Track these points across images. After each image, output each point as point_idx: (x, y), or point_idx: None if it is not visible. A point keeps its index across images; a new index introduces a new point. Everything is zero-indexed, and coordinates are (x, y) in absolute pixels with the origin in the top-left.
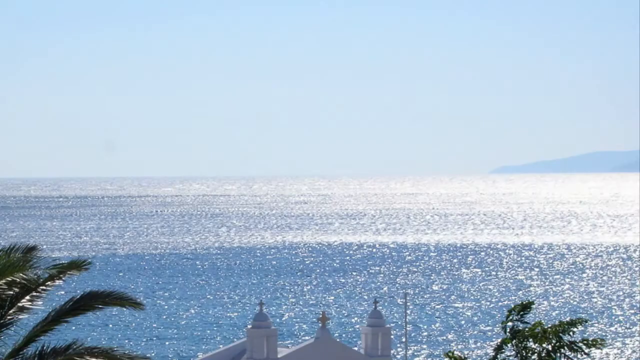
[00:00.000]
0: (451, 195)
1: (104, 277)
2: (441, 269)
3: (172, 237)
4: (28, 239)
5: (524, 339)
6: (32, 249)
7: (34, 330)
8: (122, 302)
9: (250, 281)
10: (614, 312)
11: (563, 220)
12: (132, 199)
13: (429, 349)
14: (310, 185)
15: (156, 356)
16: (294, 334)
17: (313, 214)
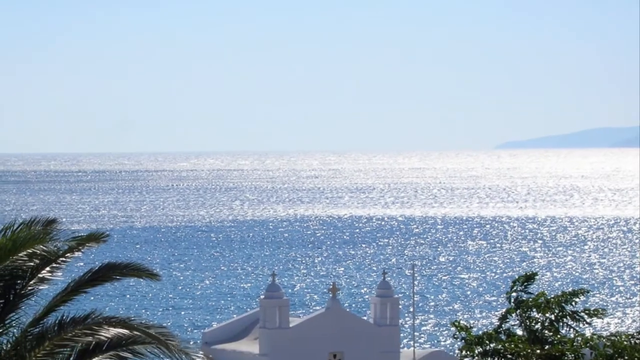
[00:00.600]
0: (457, 170)
1: (121, 249)
2: (447, 241)
3: (188, 210)
4: (48, 212)
5: (528, 308)
6: (52, 222)
7: (53, 300)
8: (139, 273)
9: (263, 253)
10: (615, 283)
11: (565, 194)
12: (148, 173)
13: (436, 319)
14: (321, 160)
15: (172, 325)
16: (305, 304)
17: (324, 188)
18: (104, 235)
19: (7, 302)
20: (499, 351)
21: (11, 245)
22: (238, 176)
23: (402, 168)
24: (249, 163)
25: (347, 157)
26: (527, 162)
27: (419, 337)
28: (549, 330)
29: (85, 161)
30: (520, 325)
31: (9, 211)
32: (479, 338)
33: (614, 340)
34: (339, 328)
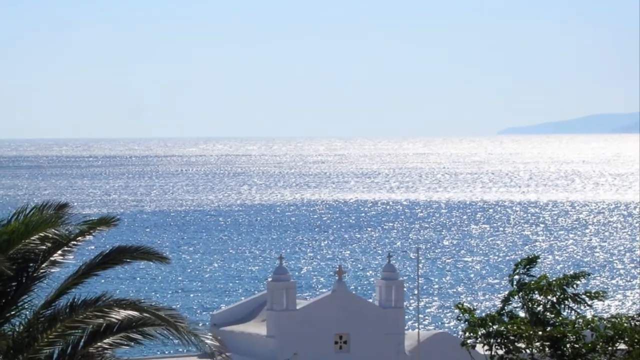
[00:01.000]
0: (461, 155)
1: (131, 233)
2: (451, 225)
3: (197, 194)
4: (60, 196)
5: (530, 291)
6: (64, 206)
7: (65, 282)
8: (149, 257)
9: (271, 236)
10: (615, 266)
11: (567, 179)
12: (158, 158)
13: (440, 301)
14: (327, 146)
15: (181, 307)
16: (312, 286)
17: (330, 173)
18: (114, 219)
19: (19, 285)
20: (501, 333)
21: (24, 229)
22: (246, 161)
23: (406, 153)
24: (257, 148)
25: (353, 142)
26: (529, 148)
27: (423, 319)
28: (551, 312)
29: (96, 147)
30: (523, 307)
31: (22, 195)
32: (482, 320)
33: (615, 322)
34: (344, 310)
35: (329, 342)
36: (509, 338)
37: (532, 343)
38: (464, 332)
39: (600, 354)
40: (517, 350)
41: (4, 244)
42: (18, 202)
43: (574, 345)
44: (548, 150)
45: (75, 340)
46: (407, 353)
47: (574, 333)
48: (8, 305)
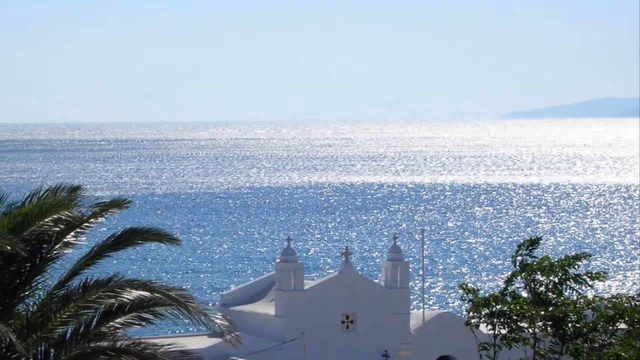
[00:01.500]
0: (465, 139)
1: (143, 215)
2: (456, 207)
3: (206, 177)
4: (73, 179)
5: (533, 272)
6: (77, 189)
7: (78, 263)
8: (160, 238)
9: (279, 218)
10: (616, 247)
11: (568, 162)
12: (169, 142)
13: (445, 281)
14: (334, 130)
15: (191, 288)
16: (319, 267)
17: (337, 156)
18: (126, 201)
19: (33, 266)
20: (504, 312)
21: (37, 211)
22: (255, 145)
23: (412, 137)
24: (266, 132)
25: (360, 126)
26: (532, 132)
27: (428, 299)
28: (553, 293)
29: (108, 130)
30: (525, 287)
31: (36, 178)
32: (486, 300)
33: (615, 302)
34: (351, 290)
35: (336, 321)
36: (511, 318)
37: (534, 322)
38: (468, 311)
39: (601, 333)
40: (520, 329)
41: (18, 226)
42: (32, 185)
43: (575, 324)
44: (550, 134)
45: (87, 319)
46: (412, 332)
47: (576, 313)
48: (22, 285)
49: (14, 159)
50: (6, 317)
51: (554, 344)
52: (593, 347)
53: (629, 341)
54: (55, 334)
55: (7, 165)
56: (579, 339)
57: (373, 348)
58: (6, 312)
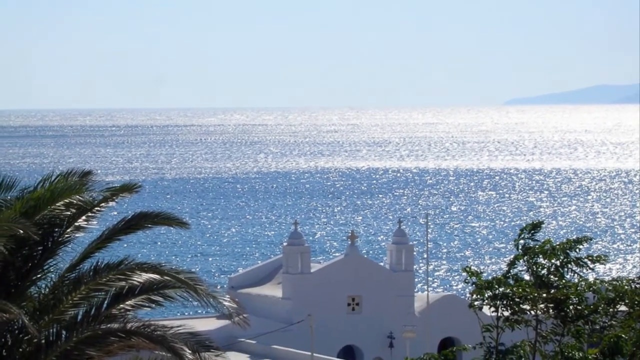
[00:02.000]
0: (468, 125)
1: (153, 199)
2: (459, 191)
3: (215, 162)
4: (84, 164)
5: (535, 255)
6: (88, 174)
7: (89, 247)
8: (170, 222)
9: (286, 202)
10: (616, 231)
11: (570, 148)
12: (178, 128)
13: (448, 264)
14: (340, 116)
15: (200, 271)
16: (325, 250)
17: (343, 142)
18: (136, 186)
19: (45, 249)
20: (507, 295)
21: (49, 195)
22: (262, 131)
23: (416, 123)
24: (273, 118)
25: (365, 112)
26: (534, 118)
27: (432, 282)
28: (555, 276)
29: (119, 116)
30: (528, 270)
31: (48, 163)
32: (489, 283)
33: (616, 285)
34: (357, 273)
35: (342, 303)
36: (514, 300)
37: (536, 305)
38: (471, 294)
39: (602, 315)
40: (522, 311)
41: (30, 210)
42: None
43: (576, 306)
44: (552, 120)
45: (98, 302)
46: (416, 314)
47: (577, 295)
48: (34, 268)
49: (26, 144)
50: (19, 299)
51: (556, 325)
52: (594, 329)
53: (629, 323)
54: (66, 316)
55: (20, 150)
56: (580, 320)
57: (378, 330)
58: (19, 295)
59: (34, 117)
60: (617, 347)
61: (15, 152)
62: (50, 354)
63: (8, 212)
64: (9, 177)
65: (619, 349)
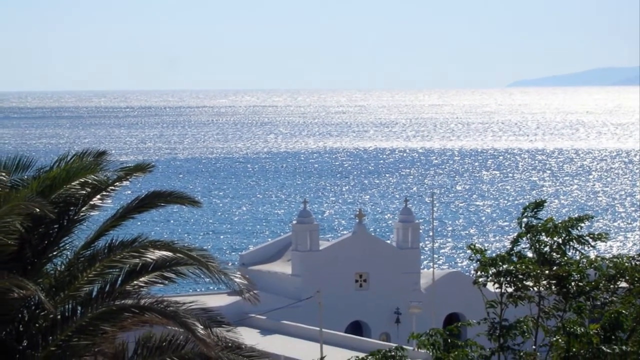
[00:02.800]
0: (473, 106)
1: (165, 179)
2: (464, 171)
3: (226, 143)
4: (99, 144)
5: (537, 233)
6: (102, 154)
7: (103, 225)
8: (182, 201)
9: (295, 182)
10: (617, 210)
11: (572, 128)
12: (190, 109)
13: (453, 242)
14: (348, 97)
15: (212, 248)
16: (333, 228)
17: (350, 123)
18: (149, 165)
19: (61, 227)
20: (511, 272)
21: (65, 175)
22: (272, 112)
23: (422, 104)
24: (283, 100)
25: (372, 94)
26: (537, 99)
27: (437, 259)
28: (557, 253)
29: (133, 98)
30: (531, 248)
31: (63, 144)
32: (493, 260)
33: (616, 262)
34: (364, 251)
35: (350, 280)
36: (517, 277)
37: (539, 281)
38: (475, 271)
39: (603, 292)
40: (526, 288)
41: (46, 189)
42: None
43: (578, 283)
44: (554, 102)
45: (113, 278)
46: (422, 290)
47: (578, 272)
48: (50, 246)
49: (42, 125)
50: (35, 276)
51: (558, 301)
52: (595, 305)
53: (629, 299)
54: (82, 292)
55: (36, 131)
56: (581, 297)
57: (385, 305)
58: (35, 272)
59: (50, 98)
60: (617, 322)
61: (32, 132)
62: (65, 329)
63: (25, 191)
64: (25, 157)
65: (619, 325)
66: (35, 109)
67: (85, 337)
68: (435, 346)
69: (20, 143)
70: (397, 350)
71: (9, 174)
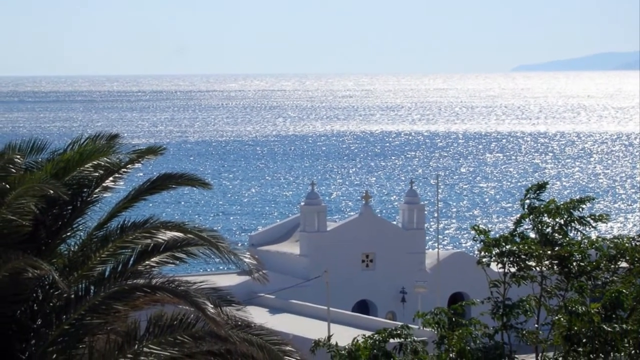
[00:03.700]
0: (477, 90)
1: (176, 161)
2: (468, 153)
3: (236, 126)
4: (111, 128)
5: (540, 214)
6: (115, 137)
7: (116, 206)
8: (193, 183)
9: (303, 164)
10: (617, 191)
11: (573, 112)
12: (201, 93)
13: (458, 223)
14: (355, 82)
15: (222, 229)
16: (340, 210)
17: (357, 107)
18: (161, 148)
19: (74, 209)
20: (513, 252)
21: (78, 157)
22: (281, 96)
23: (427, 88)
24: (291, 84)
25: (378, 78)
26: (539, 84)
27: (442, 240)
28: (559, 234)
29: (144, 82)
30: (533, 229)
31: (77, 127)
32: (496, 240)
33: (617, 242)
34: (371, 231)
35: (357, 260)
36: (520, 257)
37: (541, 261)
38: (479, 251)
39: (604, 271)
40: (528, 268)
41: (60, 172)
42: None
43: (579, 263)
44: (556, 86)
45: (125, 258)
46: (427, 270)
47: (580, 252)
48: (64, 227)
49: (56, 109)
50: (49, 256)
51: (560, 281)
52: (596, 284)
53: (629, 279)
54: (94, 272)
55: (50, 114)
56: (583, 276)
57: (391, 285)
58: (49, 252)
59: (64, 83)
60: (618, 301)
61: (46, 116)
62: (79, 308)
63: (39, 173)
64: (40, 140)
65: (619, 304)
66: (49, 93)
67: (98, 315)
68: (440, 325)
69: (34, 126)
70: (402, 329)
71: (23, 157)
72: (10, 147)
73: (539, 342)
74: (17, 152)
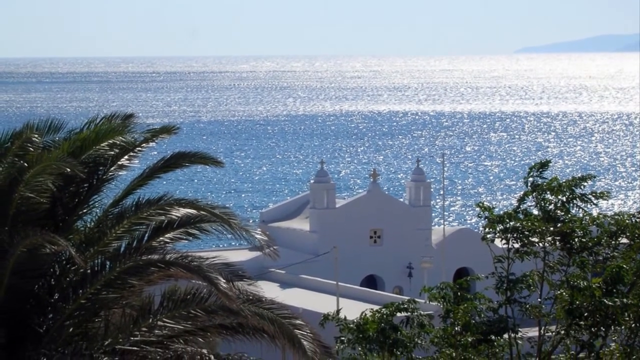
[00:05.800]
0: (481, 71)
1: (190, 140)
2: (473, 133)
3: (247, 106)
4: (126, 107)
5: (543, 191)
6: (130, 116)
7: (131, 184)
8: (205, 161)
9: (313, 143)
10: (618, 170)
11: (575, 92)
12: (213, 74)
13: (463, 200)
14: (363, 63)
15: (234, 206)
16: (349, 187)
17: (365, 87)
18: (175, 127)
19: (91, 186)
20: (517, 228)
21: (94, 137)
22: (291, 77)
23: (433, 70)
24: (301, 65)
25: (386, 60)
26: (542, 65)
27: (448, 216)
28: (561, 210)
29: (159, 64)
30: (536, 206)
31: (93, 107)
32: (500, 217)
33: (617, 219)
34: (378, 208)
35: (365, 236)
36: (524, 233)
37: (544, 238)
38: (484, 227)
39: (605, 247)
40: (531, 244)
41: (77, 150)
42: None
43: (581, 239)
44: (559, 67)
45: (140, 235)
46: (433, 246)
47: (582, 229)
48: (81, 204)
49: (73, 89)
50: (66, 232)
51: (562, 256)
52: (597, 260)
53: (629, 254)
54: (110, 248)
55: (67, 95)
56: (584, 252)
57: (398, 260)
58: (66, 228)
59: (80, 64)
60: (618, 276)
61: (63, 96)
62: (95, 283)
63: (56, 152)
64: (57, 120)
65: (620, 279)
66: (66, 74)
67: (113, 290)
68: (446, 299)
69: (52, 106)
70: (409, 303)
71: (41, 136)
72: (29, 127)
73: (542, 315)
74: (35, 132)
